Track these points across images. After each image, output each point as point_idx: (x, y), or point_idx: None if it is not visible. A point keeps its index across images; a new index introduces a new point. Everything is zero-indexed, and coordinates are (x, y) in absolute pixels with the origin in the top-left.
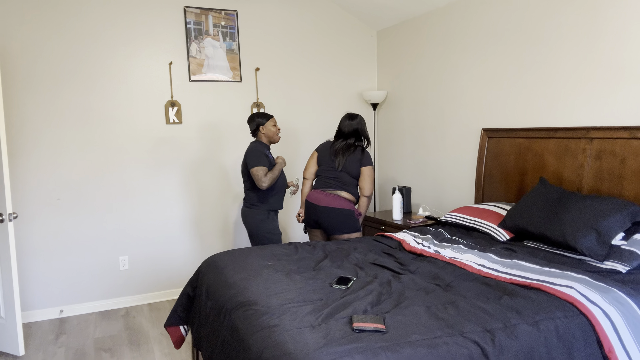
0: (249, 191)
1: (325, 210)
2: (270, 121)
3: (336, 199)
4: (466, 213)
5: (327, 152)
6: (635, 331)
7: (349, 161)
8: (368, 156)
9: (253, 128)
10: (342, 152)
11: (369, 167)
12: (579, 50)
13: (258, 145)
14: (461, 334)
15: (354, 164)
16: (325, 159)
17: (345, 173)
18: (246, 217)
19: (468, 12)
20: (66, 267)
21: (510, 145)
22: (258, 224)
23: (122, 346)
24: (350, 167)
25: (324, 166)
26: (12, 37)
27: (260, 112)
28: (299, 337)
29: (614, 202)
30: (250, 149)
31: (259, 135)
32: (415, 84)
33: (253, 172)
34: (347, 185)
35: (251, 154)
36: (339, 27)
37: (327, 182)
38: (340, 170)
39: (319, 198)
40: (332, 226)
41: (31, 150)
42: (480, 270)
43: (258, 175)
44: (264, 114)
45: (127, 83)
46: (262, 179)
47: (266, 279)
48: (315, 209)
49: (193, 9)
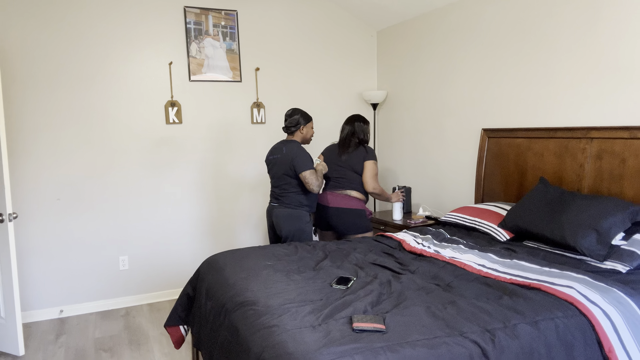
0: (292, 193)
1: (336, 211)
2: (310, 123)
3: (345, 199)
4: (466, 213)
5: (334, 154)
6: (635, 331)
7: (354, 157)
8: (371, 151)
9: (293, 124)
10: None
11: (370, 161)
12: (579, 50)
13: (300, 146)
14: (461, 334)
15: (359, 159)
16: (332, 159)
17: (351, 171)
18: (288, 219)
19: (468, 12)
20: (66, 267)
21: (510, 145)
22: (303, 226)
23: (122, 346)
24: (356, 164)
25: (332, 167)
26: (12, 37)
27: (302, 111)
28: (299, 337)
29: (614, 202)
30: (298, 152)
31: (295, 133)
32: (415, 84)
33: (305, 176)
34: (355, 183)
35: (300, 157)
36: (339, 27)
37: (336, 182)
38: (346, 168)
39: (329, 199)
40: (344, 227)
41: (31, 150)
42: (480, 270)
43: (311, 179)
44: (306, 114)
45: (127, 83)
46: (314, 183)
47: (266, 279)
48: (326, 211)
49: (193, 9)
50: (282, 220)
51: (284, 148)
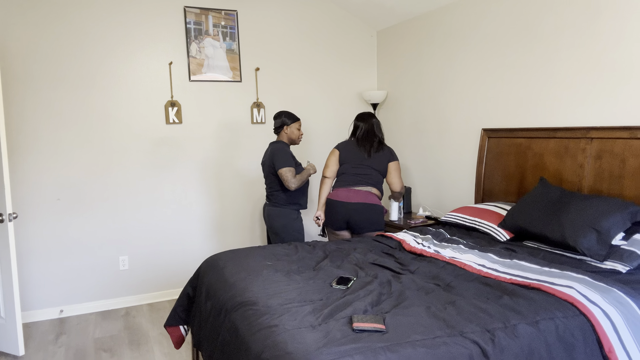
0: (277, 192)
1: (358, 207)
2: (296, 124)
3: (369, 195)
4: (466, 213)
5: (352, 149)
6: (635, 331)
7: (378, 157)
8: (394, 152)
9: (277, 125)
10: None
11: (396, 162)
12: (579, 50)
13: (283, 145)
14: (461, 334)
15: (383, 160)
16: (351, 155)
17: (375, 170)
18: (274, 217)
19: (468, 12)
20: (66, 267)
21: (510, 145)
22: (287, 223)
23: (122, 346)
24: (379, 164)
25: (351, 163)
26: (13, 37)
27: (288, 112)
28: (299, 337)
29: (614, 202)
30: (277, 150)
31: (281, 134)
32: (415, 84)
33: (281, 173)
34: (377, 182)
35: (278, 154)
36: (339, 27)
37: (357, 178)
38: (370, 167)
39: (349, 195)
40: (363, 224)
41: (31, 150)
42: (480, 270)
43: (287, 176)
44: (291, 115)
45: (127, 83)
46: (291, 180)
47: (266, 279)
48: (345, 208)
49: (193, 9)
50: (270, 217)
51: (269, 149)
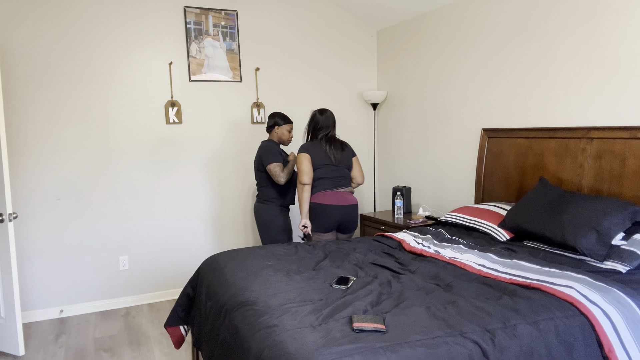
0: (265, 187)
1: (350, 209)
2: (287, 125)
3: (352, 196)
4: (466, 213)
5: (320, 151)
6: (635, 331)
7: (345, 155)
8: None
9: (269, 124)
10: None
11: (356, 156)
12: (579, 50)
13: (271, 143)
14: (461, 334)
15: (348, 157)
16: (321, 158)
17: (346, 169)
18: (261, 213)
19: (468, 12)
20: (66, 267)
21: (510, 145)
22: (273, 219)
23: (122, 346)
24: (347, 162)
25: (325, 168)
26: (13, 37)
27: (282, 114)
28: (299, 337)
29: (614, 202)
30: (264, 147)
31: (272, 133)
32: (415, 84)
33: (270, 169)
34: (349, 179)
35: (266, 151)
36: (339, 27)
37: (337, 181)
38: (342, 167)
39: (338, 198)
40: (353, 224)
41: (31, 150)
42: (480, 270)
43: (276, 171)
44: (285, 117)
45: (127, 83)
46: (279, 174)
47: (266, 279)
48: (340, 210)
49: (193, 9)
50: (256, 213)
51: (259, 147)
